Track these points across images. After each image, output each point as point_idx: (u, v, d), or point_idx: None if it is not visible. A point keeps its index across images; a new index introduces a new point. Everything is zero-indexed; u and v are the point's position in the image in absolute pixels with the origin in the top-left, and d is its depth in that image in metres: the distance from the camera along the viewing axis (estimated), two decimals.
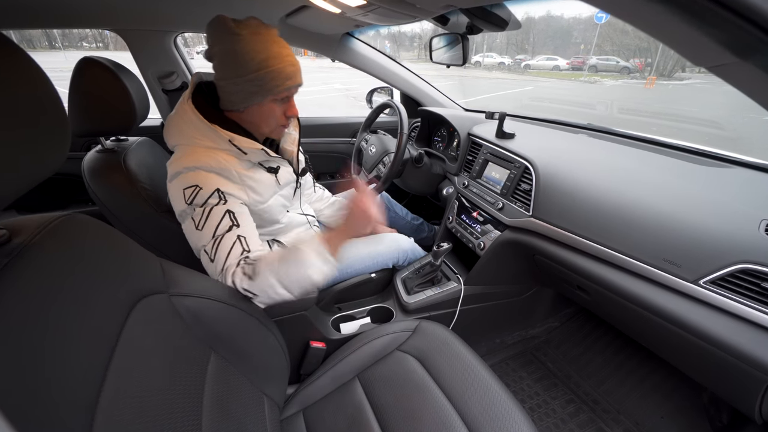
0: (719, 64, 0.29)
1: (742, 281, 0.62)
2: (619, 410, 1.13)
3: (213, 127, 0.74)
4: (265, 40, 0.71)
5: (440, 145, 1.55)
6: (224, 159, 0.75)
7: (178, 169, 0.74)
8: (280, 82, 0.74)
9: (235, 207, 0.75)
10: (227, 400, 0.59)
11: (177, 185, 0.74)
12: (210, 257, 0.72)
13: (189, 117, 0.74)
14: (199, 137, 0.75)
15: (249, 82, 0.72)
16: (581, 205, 0.87)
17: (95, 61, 0.78)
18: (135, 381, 0.43)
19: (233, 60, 0.71)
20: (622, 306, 0.81)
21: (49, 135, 0.39)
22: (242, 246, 0.72)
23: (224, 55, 0.71)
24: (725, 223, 0.67)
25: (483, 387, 0.72)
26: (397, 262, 1.24)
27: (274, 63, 0.72)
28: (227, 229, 0.72)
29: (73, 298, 0.40)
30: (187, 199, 0.72)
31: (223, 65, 0.73)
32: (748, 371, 0.61)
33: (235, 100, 0.76)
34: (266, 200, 0.84)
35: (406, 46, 40.14)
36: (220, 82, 0.75)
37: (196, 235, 0.73)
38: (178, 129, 0.76)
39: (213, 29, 0.72)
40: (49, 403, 0.33)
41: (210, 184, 0.73)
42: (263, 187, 0.83)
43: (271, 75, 0.72)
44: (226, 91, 0.76)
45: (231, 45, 0.70)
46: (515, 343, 1.39)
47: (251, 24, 0.71)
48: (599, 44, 22.60)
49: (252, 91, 0.74)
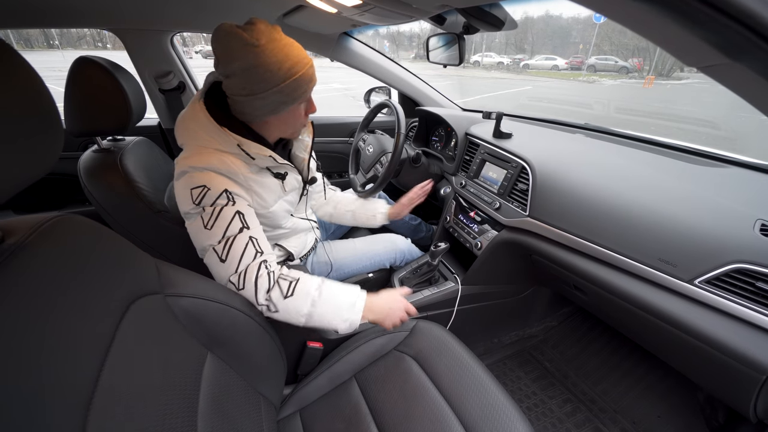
0: (710, 64, 0.29)
1: (737, 281, 0.62)
2: (615, 410, 1.13)
3: (222, 130, 0.72)
4: (284, 45, 0.68)
5: (438, 144, 1.55)
6: (232, 162, 0.74)
7: (185, 168, 0.73)
8: (306, 85, 0.72)
9: (244, 209, 0.74)
10: (223, 400, 0.59)
11: (183, 184, 0.72)
12: (220, 257, 0.71)
13: (199, 117, 0.73)
14: (207, 139, 0.73)
15: (278, 93, 0.70)
16: (578, 205, 0.87)
17: (91, 61, 0.78)
18: (129, 382, 0.43)
19: (258, 74, 0.67)
20: (618, 305, 0.81)
21: (41, 135, 0.38)
22: (255, 248, 0.72)
23: (247, 70, 0.67)
24: (720, 223, 0.68)
25: (480, 387, 0.72)
26: (394, 262, 1.24)
27: (299, 68, 0.69)
28: (238, 230, 0.71)
29: (67, 298, 0.39)
30: (195, 200, 0.71)
31: (248, 81, 0.68)
32: (742, 370, 0.61)
33: (259, 114, 0.74)
34: (270, 205, 0.84)
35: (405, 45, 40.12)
36: (241, 98, 0.71)
37: (204, 234, 0.71)
38: (187, 128, 0.75)
39: (227, 45, 0.66)
40: (42, 403, 0.33)
41: (218, 185, 0.72)
42: (268, 192, 0.82)
43: (299, 81, 0.70)
44: (250, 106, 0.72)
45: (253, 59, 0.65)
46: (512, 343, 1.39)
47: (262, 30, 0.66)
48: (598, 44, 22.63)
49: (281, 101, 0.72)
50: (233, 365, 0.64)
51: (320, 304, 0.72)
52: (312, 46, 1.42)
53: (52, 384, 0.35)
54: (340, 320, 0.73)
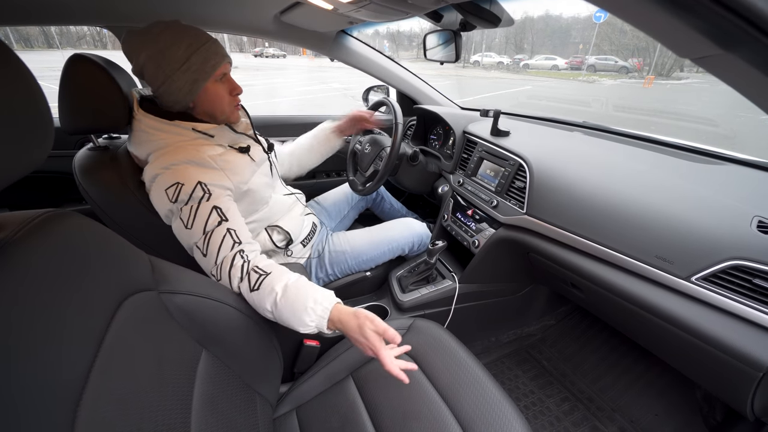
0: (703, 55, 0.29)
1: (734, 278, 0.62)
2: (613, 408, 1.13)
3: (174, 122, 0.76)
4: (178, 30, 0.73)
5: (436, 143, 1.55)
6: (195, 149, 0.76)
7: (155, 172, 0.75)
8: (211, 58, 0.75)
9: (221, 202, 0.75)
10: (218, 398, 0.58)
11: (157, 187, 0.74)
12: (202, 252, 0.72)
13: (147, 123, 0.76)
14: (164, 137, 0.76)
15: (186, 72, 0.73)
16: (575, 203, 0.87)
17: (85, 58, 0.77)
18: (121, 379, 0.43)
19: (163, 57, 0.71)
20: (615, 303, 0.81)
21: (30, 131, 0.38)
22: (233, 238, 0.73)
23: (152, 58, 0.72)
24: (717, 220, 0.67)
25: (477, 386, 0.72)
26: (412, 247, 1.24)
27: (196, 44, 0.73)
28: (216, 224, 0.72)
29: (57, 294, 0.39)
30: (171, 198, 0.72)
31: (158, 67, 0.72)
32: (739, 368, 0.61)
33: (181, 97, 0.76)
34: (248, 179, 0.85)
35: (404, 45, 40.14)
36: (161, 88, 0.75)
37: (187, 234, 0.73)
38: (142, 141, 0.78)
39: (131, 43, 0.73)
40: (30, 399, 0.33)
41: (190, 178, 0.73)
42: (241, 167, 0.83)
43: (201, 56, 0.73)
44: (170, 92, 0.75)
45: (153, 46, 0.71)
46: (510, 342, 1.39)
47: (158, 24, 0.73)
48: (598, 44, 22.64)
49: (193, 78, 0.74)
50: (229, 363, 0.64)
51: (282, 302, 0.68)
52: (310, 44, 1.42)
53: (40, 381, 0.34)
54: (300, 323, 0.68)
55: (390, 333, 0.66)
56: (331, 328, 0.70)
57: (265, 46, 29.75)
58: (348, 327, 0.68)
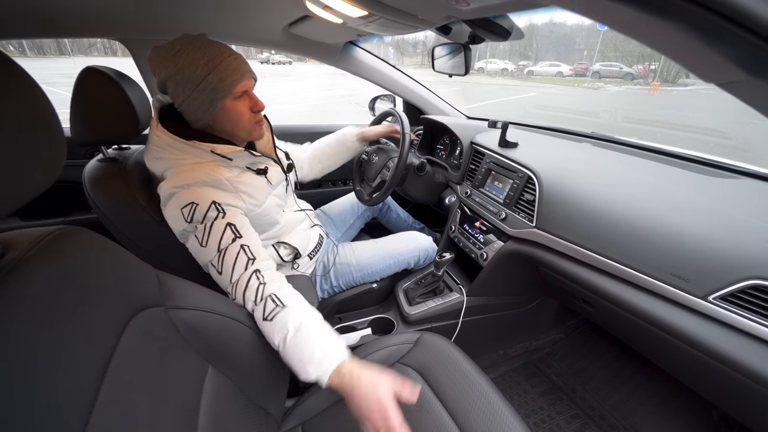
0: (729, 81, 0.28)
1: (754, 297, 0.60)
2: (626, 426, 1.10)
3: (192, 143, 0.75)
4: (200, 46, 0.72)
5: (442, 153, 1.54)
6: (212, 170, 0.76)
7: (170, 191, 0.74)
8: (228, 76, 0.74)
9: (236, 219, 0.75)
10: (223, 415, 0.58)
11: (172, 206, 0.74)
12: (218, 270, 0.72)
13: (165, 141, 0.76)
14: (181, 156, 0.76)
15: (203, 91, 0.73)
16: (586, 217, 0.86)
17: (97, 71, 0.78)
18: (129, 396, 0.43)
19: (182, 77, 0.72)
20: (628, 320, 0.79)
21: (44, 150, 0.38)
22: (247, 255, 0.72)
23: (172, 77, 0.72)
24: (735, 237, 0.66)
25: (485, 402, 0.71)
26: (418, 261, 1.23)
27: (216, 62, 0.72)
28: (230, 240, 0.72)
29: (67, 313, 0.39)
30: (186, 218, 0.73)
31: (177, 86, 0.73)
32: (759, 390, 0.59)
33: (200, 116, 0.76)
34: (262, 203, 0.85)
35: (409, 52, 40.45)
36: (181, 106, 0.76)
37: (203, 252, 0.74)
38: (158, 157, 0.77)
39: (154, 60, 0.73)
40: (40, 419, 0.33)
41: (205, 198, 0.73)
42: (256, 190, 0.83)
43: (218, 74, 0.72)
44: (190, 111, 0.76)
45: (173, 64, 0.71)
46: (519, 355, 1.37)
47: (181, 39, 0.73)
48: (602, 50, 22.65)
49: (210, 98, 0.74)
50: (234, 379, 0.63)
51: (291, 343, 0.65)
52: (317, 55, 1.42)
53: (50, 400, 0.34)
54: (303, 371, 0.63)
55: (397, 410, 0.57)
56: (330, 384, 0.63)
57: (271, 53, 30.13)
58: (348, 394, 0.60)
